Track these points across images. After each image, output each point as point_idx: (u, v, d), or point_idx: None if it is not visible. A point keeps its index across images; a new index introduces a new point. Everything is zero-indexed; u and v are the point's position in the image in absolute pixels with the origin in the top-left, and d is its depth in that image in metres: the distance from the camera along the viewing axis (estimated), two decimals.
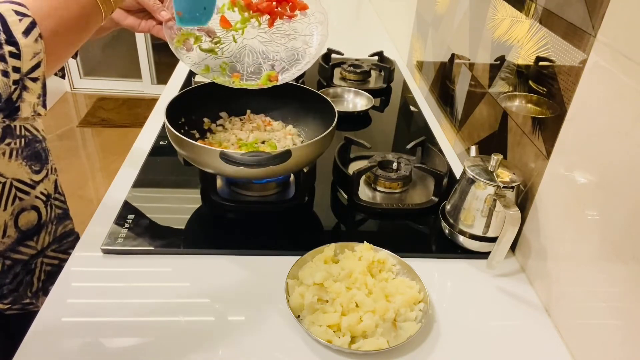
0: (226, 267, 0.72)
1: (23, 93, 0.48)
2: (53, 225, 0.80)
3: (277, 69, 0.75)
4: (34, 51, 0.48)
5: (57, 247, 0.81)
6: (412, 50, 1.49)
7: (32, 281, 0.78)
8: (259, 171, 0.73)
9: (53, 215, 0.80)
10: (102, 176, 2.58)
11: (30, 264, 0.77)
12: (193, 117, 0.91)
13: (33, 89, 0.49)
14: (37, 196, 0.76)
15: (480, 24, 0.97)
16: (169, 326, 0.62)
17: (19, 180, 0.72)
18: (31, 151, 0.75)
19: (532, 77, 0.76)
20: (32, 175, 0.74)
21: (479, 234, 0.74)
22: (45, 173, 0.77)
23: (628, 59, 0.54)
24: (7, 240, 0.72)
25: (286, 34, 0.76)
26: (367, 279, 0.66)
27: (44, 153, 0.78)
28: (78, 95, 3.41)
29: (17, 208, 0.72)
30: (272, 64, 0.76)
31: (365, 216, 0.85)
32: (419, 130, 1.15)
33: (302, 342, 0.61)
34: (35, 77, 0.49)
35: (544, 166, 0.69)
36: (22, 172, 0.73)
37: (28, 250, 0.76)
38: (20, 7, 0.48)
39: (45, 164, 0.78)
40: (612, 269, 0.55)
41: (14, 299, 0.75)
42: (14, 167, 0.71)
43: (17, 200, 0.72)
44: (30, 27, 0.47)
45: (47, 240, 0.79)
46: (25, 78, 0.48)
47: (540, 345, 0.64)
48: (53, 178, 0.81)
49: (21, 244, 0.74)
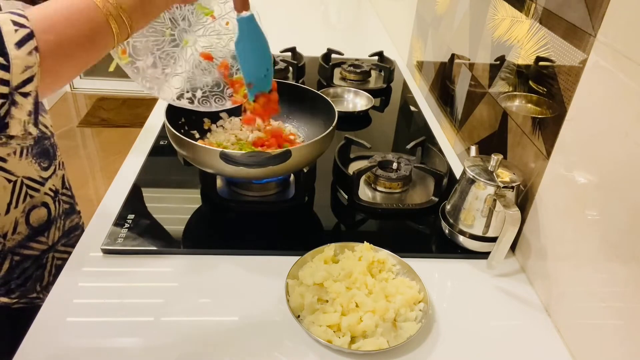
0: (226, 267, 0.72)
1: (11, 108, 0.44)
2: (61, 220, 0.81)
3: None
4: (26, 64, 0.44)
5: (66, 241, 0.83)
6: (412, 50, 1.49)
7: (43, 275, 0.79)
8: (259, 171, 0.73)
9: (61, 211, 0.81)
10: (102, 176, 2.58)
11: (41, 259, 0.78)
12: (193, 117, 0.91)
13: (23, 104, 0.45)
14: (46, 193, 0.76)
15: (480, 24, 0.97)
16: (169, 326, 0.62)
17: (29, 178, 0.73)
18: (40, 148, 0.75)
19: (532, 77, 0.76)
20: (41, 173, 0.75)
21: (479, 234, 0.74)
22: (53, 169, 0.78)
23: (628, 59, 0.54)
24: (18, 237, 0.73)
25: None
26: (367, 279, 0.66)
27: (52, 149, 0.78)
28: (78, 95, 3.41)
29: (28, 205, 0.73)
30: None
31: (365, 216, 0.85)
32: (419, 130, 1.15)
33: (302, 342, 0.61)
34: (26, 92, 0.45)
35: (544, 166, 0.69)
36: (31, 169, 0.73)
37: (39, 246, 0.77)
38: (20, 17, 0.45)
39: (53, 160, 0.78)
40: (612, 269, 0.55)
41: (21, 294, 0.76)
42: (24, 165, 0.72)
43: (28, 197, 0.73)
44: (25, 39, 0.44)
45: (57, 235, 0.80)
46: (14, 92, 0.44)
47: (540, 345, 0.64)
48: (61, 173, 0.81)
49: (32, 240, 0.75)
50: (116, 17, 0.53)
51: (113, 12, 0.53)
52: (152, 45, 0.68)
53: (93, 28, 0.51)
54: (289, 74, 1.32)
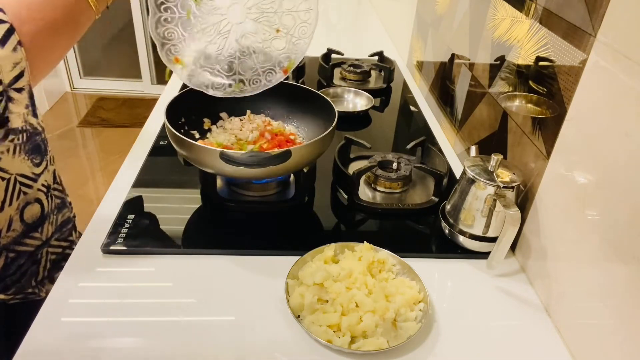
0: (226, 267, 0.72)
1: (9, 105, 0.45)
2: (54, 215, 0.81)
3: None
4: (14, 61, 0.44)
5: (59, 235, 0.82)
6: (412, 50, 1.49)
7: (38, 270, 0.79)
8: (259, 171, 0.73)
9: (53, 206, 0.81)
10: (102, 176, 2.58)
11: (36, 254, 0.77)
12: (193, 117, 0.91)
13: (19, 99, 0.46)
14: (39, 189, 0.76)
15: (480, 24, 0.97)
16: (169, 326, 0.62)
17: (23, 175, 0.72)
18: (32, 144, 0.75)
19: (532, 77, 0.76)
20: (33, 169, 0.74)
21: (479, 234, 0.74)
22: (45, 165, 0.77)
23: (628, 59, 0.54)
24: (12, 233, 0.73)
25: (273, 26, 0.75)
26: (367, 279, 0.66)
27: (43, 144, 0.78)
28: (78, 95, 3.41)
29: (22, 202, 0.73)
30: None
31: (365, 216, 0.85)
32: (419, 130, 1.15)
33: (302, 342, 0.61)
34: (20, 88, 0.46)
35: (544, 166, 0.69)
36: (24, 166, 0.73)
37: (34, 242, 0.77)
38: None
39: (45, 156, 0.78)
40: (612, 269, 0.55)
41: (17, 290, 0.75)
42: (18, 162, 0.72)
43: (22, 194, 0.72)
44: (6, 35, 0.44)
45: (50, 230, 0.80)
46: (8, 89, 0.45)
47: (540, 345, 0.64)
48: (52, 169, 0.80)
49: (27, 236, 0.75)
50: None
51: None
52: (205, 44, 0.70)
53: (70, 5, 0.50)
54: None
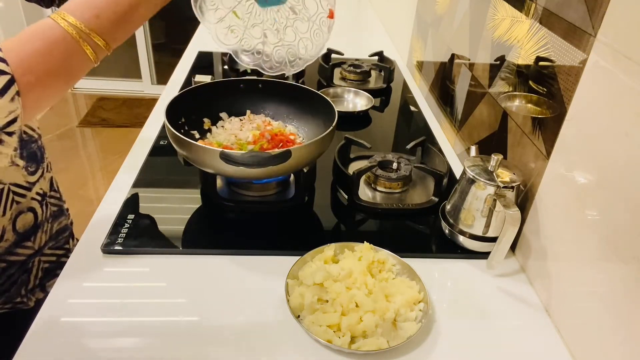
0: (226, 267, 0.72)
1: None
2: (49, 224, 0.80)
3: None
4: (9, 110, 0.45)
5: (53, 244, 0.81)
6: (412, 50, 1.49)
7: (29, 279, 0.77)
8: (259, 171, 0.73)
9: (48, 214, 0.80)
10: (102, 176, 2.58)
11: (27, 263, 0.76)
12: (193, 117, 0.91)
13: (9, 142, 0.47)
14: (33, 197, 0.75)
15: (480, 24, 0.97)
16: (169, 326, 0.62)
17: (16, 184, 0.71)
18: (27, 152, 0.74)
19: (532, 77, 0.76)
20: (28, 177, 0.73)
21: (479, 234, 0.74)
22: (40, 173, 0.76)
23: (628, 59, 0.54)
24: (4, 244, 0.71)
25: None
26: (367, 279, 0.66)
27: (40, 152, 0.77)
28: (78, 95, 3.42)
29: (14, 212, 0.72)
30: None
31: (365, 216, 0.85)
32: (419, 130, 1.15)
33: (302, 342, 0.61)
34: (11, 132, 0.47)
35: (544, 166, 0.69)
36: (18, 175, 0.72)
37: (25, 251, 0.76)
38: (1, 63, 0.45)
39: (40, 163, 0.76)
40: (612, 269, 0.55)
41: (5, 299, 0.75)
42: (11, 172, 0.70)
43: (15, 204, 0.71)
44: (7, 86, 0.45)
45: (43, 239, 0.79)
46: (0, 132, 0.46)
47: (540, 345, 0.64)
48: (48, 176, 0.79)
49: (18, 245, 0.74)
50: (90, 42, 0.53)
51: (87, 39, 0.53)
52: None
53: (69, 58, 0.52)
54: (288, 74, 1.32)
